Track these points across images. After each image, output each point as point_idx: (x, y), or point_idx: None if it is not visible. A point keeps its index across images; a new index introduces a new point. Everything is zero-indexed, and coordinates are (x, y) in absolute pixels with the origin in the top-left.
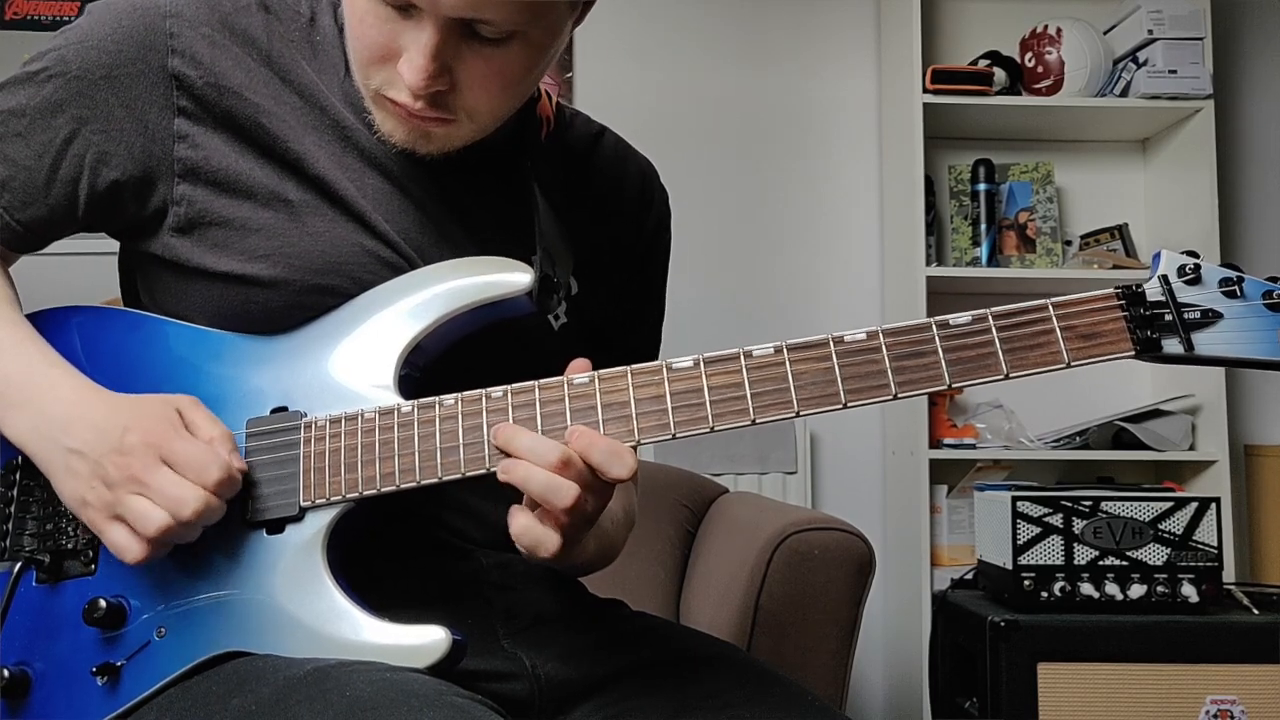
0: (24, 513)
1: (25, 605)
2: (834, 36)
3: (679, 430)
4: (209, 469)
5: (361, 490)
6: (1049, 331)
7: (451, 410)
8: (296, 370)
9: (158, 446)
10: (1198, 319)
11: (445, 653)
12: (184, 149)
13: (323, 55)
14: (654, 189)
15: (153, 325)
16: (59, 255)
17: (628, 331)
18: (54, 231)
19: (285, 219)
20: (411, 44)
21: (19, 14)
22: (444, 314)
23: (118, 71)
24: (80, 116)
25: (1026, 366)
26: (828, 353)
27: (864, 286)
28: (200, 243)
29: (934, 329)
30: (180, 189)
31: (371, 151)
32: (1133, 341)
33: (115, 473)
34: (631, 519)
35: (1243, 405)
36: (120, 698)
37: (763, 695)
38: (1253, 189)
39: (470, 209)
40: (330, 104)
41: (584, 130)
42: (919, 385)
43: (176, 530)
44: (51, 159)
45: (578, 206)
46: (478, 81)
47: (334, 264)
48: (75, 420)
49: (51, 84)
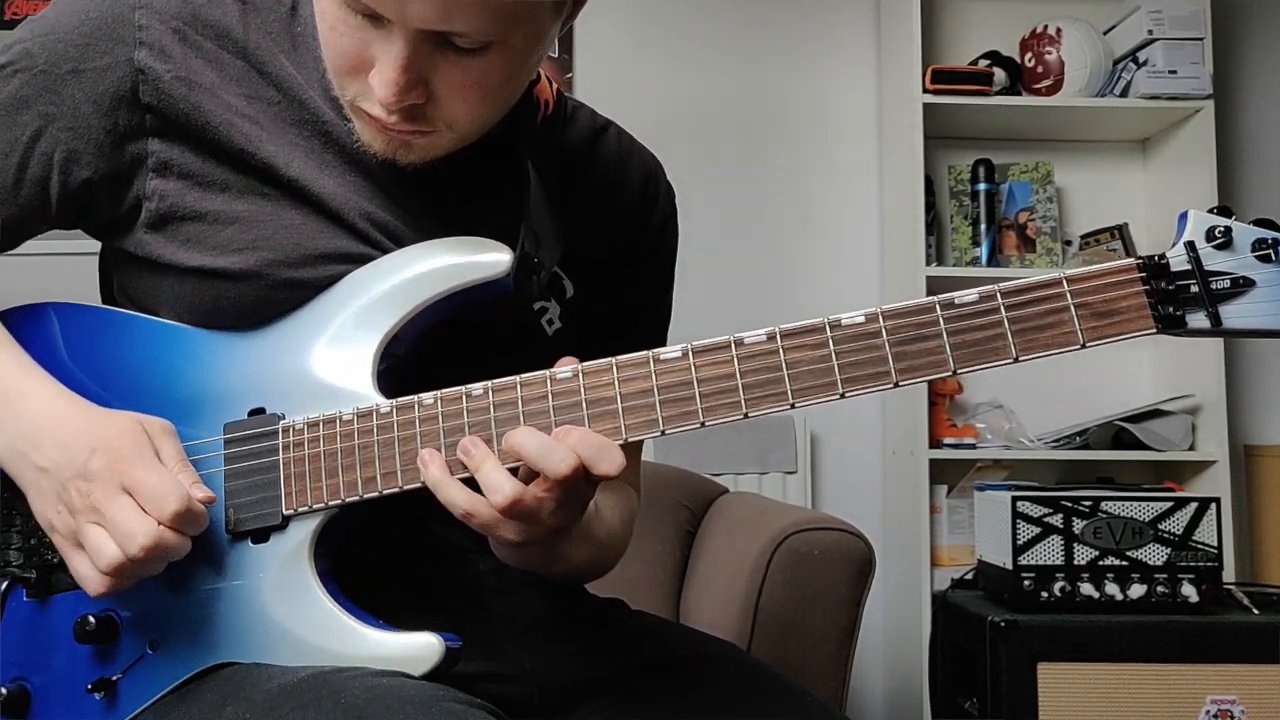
0: (8, 527)
1: (18, 621)
2: (834, 36)
3: (668, 426)
4: (166, 500)
5: (344, 496)
6: (1062, 309)
7: (431, 410)
8: (273, 368)
9: (121, 474)
10: (1226, 288)
11: (439, 660)
12: (156, 144)
13: (303, 48)
14: (658, 187)
15: (128, 322)
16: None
17: (628, 334)
18: (27, 230)
19: (259, 211)
20: (382, 55)
21: (19, 14)
22: (420, 301)
23: (85, 65)
24: (47, 113)
25: (1037, 348)
26: (824, 339)
27: (864, 286)
28: (173, 238)
29: (938, 309)
30: (153, 184)
31: (351, 146)
32: (1154, 318)
33: (77, 499)
34: (629, 527)
35: (1243, 405)
36: (118, 712)
37: (763, 695)
38: (1253, 189)
39: (455, 199)
40: (309, 98)
41: (587, 125)
42: (921, 372)
43: (129, 567)
44: (19, 158)
45: (575, 200)
46: (456, 92)
47: (309, 257)
48: (45, 437)
49: (17, 79)
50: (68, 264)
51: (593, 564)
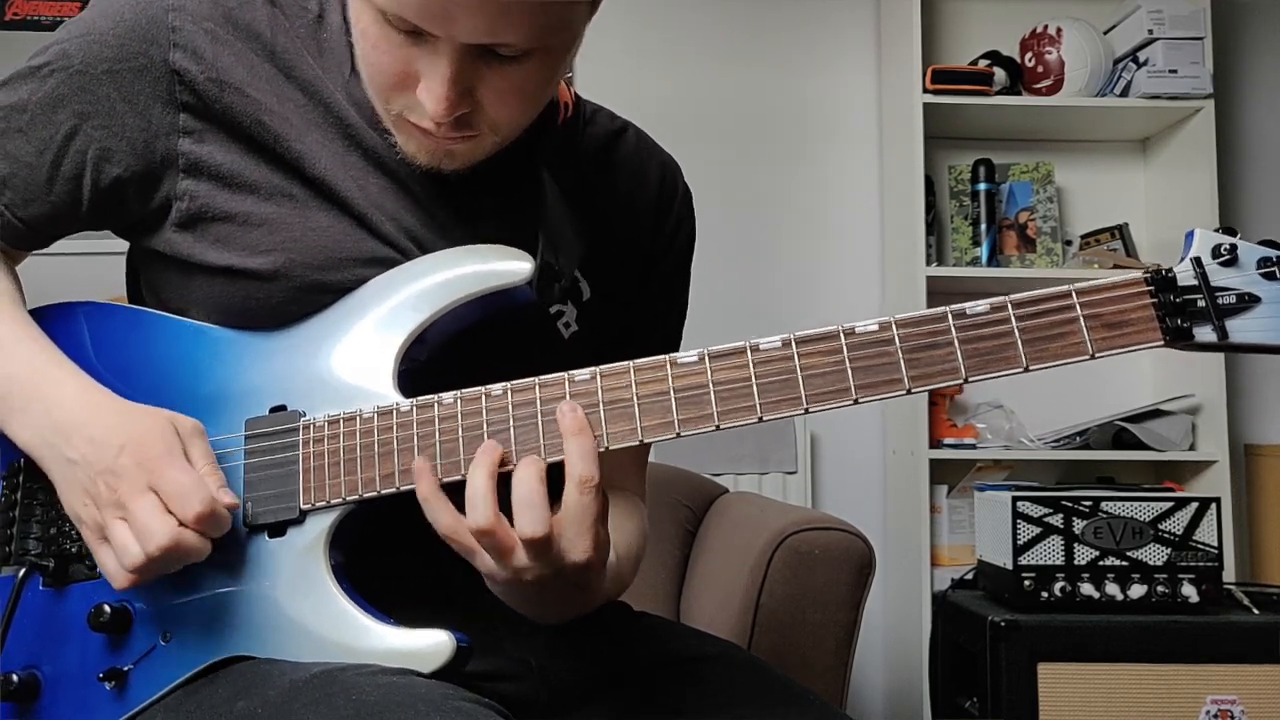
0: (28, 516)
1: (32, 609)
2: (834, 36)
3: (684, 429)
4: (190, 502)
5: (361, 492)
6: (1072, 320)
7: (451, 409)
8: (295, 367)
9: (150, 472)
10: (1233, 304)
11: (450, 657)
12: (188, 144)
13: (329, 53)
14: (675, 188)
15: (154, 321)
16: (64, 255)
17: (644, 335)
18: (58, 228)
19: (287, 214)
20: (429, 71)
21: (19, 14)
22: (442, 306)
23: (120, 66)
24: (82, 112)
25: (1047, 358)
26: (838, 345)
27: (864, 286)
28: (202, 238)
29: (949, 319)
30: (184, 184)
31: (375, 150)
32: (1162, 330)
33: (105, 493)
34: (634, 559)
35: (1243, 405)
36: (128, 702)
37: (765, 694)
38: (1253, 189)
39: (475, 204)
40: (335, 101)
41: (605, 127)
42: (933, 379)
43: (148, 565)
44: (53, 155)
45: (592, 202)
46: (500, 99)
47: (334, 260)
48: (76, 429)
49: (54, 79)
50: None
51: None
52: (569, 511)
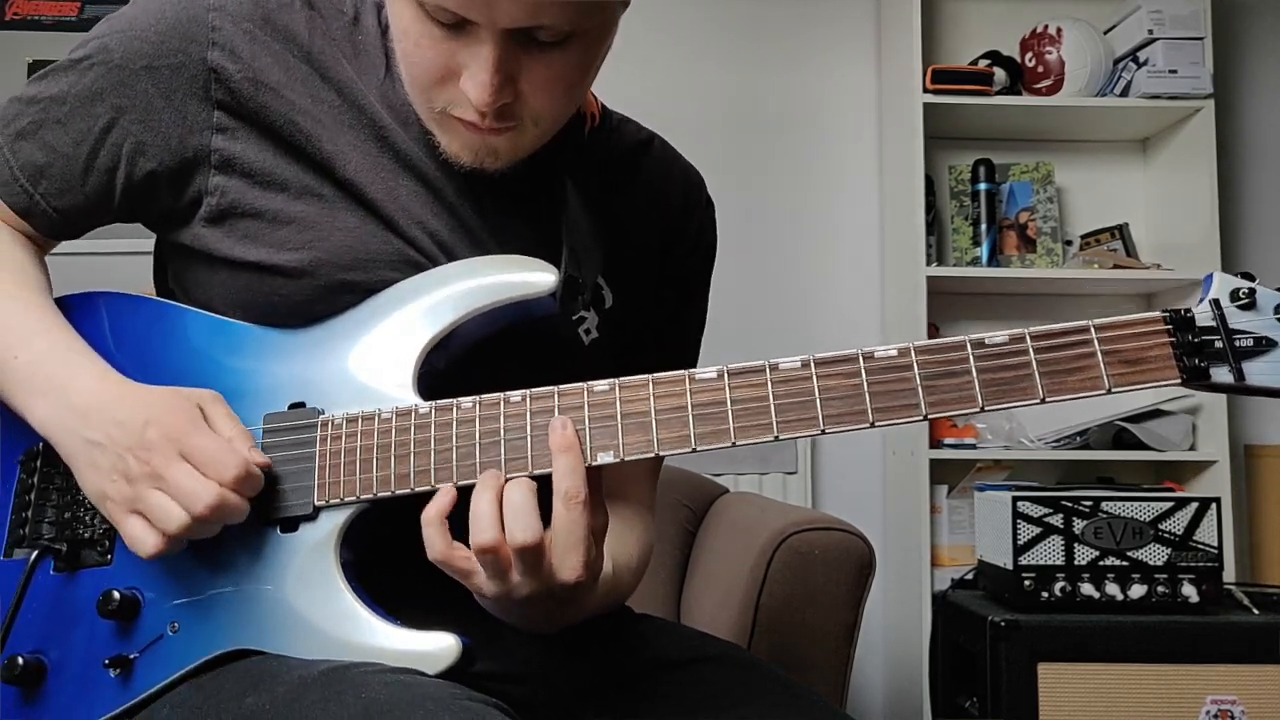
0: (44, 500)
1: (42, 593)
2: (834, 36)
3: (700, 443)
4: (226, 465)
5: (376, 491)
6: (1089, 355)
7: (469, 413)
8: (316, 365)
9: (178, 441)
10: (1250, 346)
11: (456, 659)
12: (221, 141)
13: (364, 55)
14: (698, 197)
15: (176, 313)
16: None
17: (663, 343)
18: (90, 220)
19: (316, 213)
20: (471, 60)
21: (19, 14)
22: (465, 313)
23: (159, 62)
24: (119, 106)
25: (1065, 391)
26: (856, 369)
27: (864, 286)
28: (231, 233)
29: (969, 348)
30: (215, 180)
31: (407, 154)
32: (1179, 369)
33: (136, 467)
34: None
35: (1243, 405)
36: (132, 690)
37: (765, 694)
38: (1253, 189)
39: (503, 211)
40: (369, 103)
41: (632, 137)
42: (950, 406)
43: (193, 526)
44: (90, 147)
45: (617, 211)
46: (541, 86)
47: (361, 261)
48: (96, 412)
49: (93, 72)
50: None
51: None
52: (558, 527)
